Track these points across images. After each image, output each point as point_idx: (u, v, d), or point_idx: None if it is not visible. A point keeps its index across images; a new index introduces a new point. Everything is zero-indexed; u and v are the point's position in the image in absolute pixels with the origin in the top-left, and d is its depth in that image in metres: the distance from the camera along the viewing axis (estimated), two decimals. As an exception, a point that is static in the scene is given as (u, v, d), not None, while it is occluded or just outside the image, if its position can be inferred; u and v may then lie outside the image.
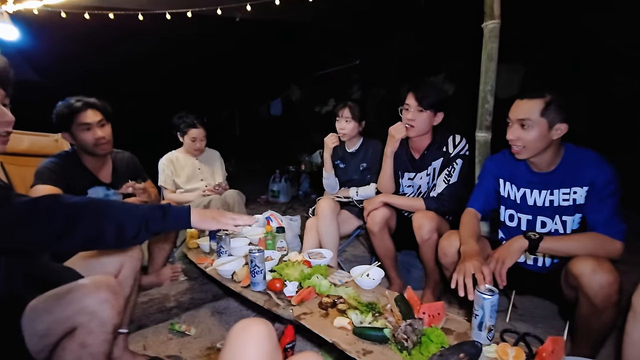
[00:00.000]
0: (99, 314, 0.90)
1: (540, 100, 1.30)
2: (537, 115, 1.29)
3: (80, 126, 1.67)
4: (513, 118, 1.36)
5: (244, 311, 1.92)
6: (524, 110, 1.32)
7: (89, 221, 0.88)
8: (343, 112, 2.18)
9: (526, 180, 1.45)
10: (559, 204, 1.39)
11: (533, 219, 1.47)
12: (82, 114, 1.67)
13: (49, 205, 0.86)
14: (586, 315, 1.23)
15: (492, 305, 1.05)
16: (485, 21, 1.69)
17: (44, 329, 0.88)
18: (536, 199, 1.44)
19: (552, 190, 1.40)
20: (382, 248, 1.89)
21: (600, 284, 1.14)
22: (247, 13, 2.65)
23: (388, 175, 1.91)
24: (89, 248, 0.96)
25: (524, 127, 1.32)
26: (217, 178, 2.63)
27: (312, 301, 1.36)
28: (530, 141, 1.32)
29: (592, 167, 1.31)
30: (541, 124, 1.30)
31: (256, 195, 5.09)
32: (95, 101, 1.73)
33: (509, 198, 1.52)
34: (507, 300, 1.82)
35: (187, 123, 2.47)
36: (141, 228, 0.94)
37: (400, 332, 1.05)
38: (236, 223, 1.13)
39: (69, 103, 1.69)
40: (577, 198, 1.35)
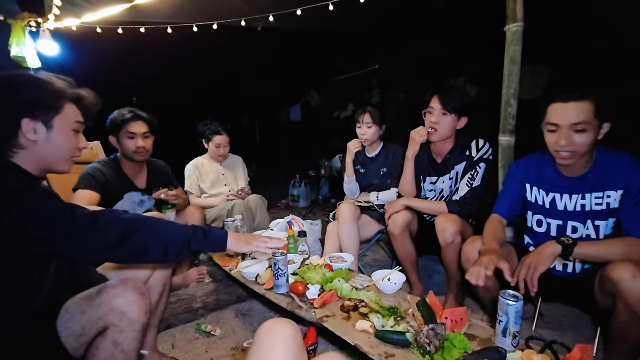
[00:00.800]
0: (129, 314, 0.96)
1: (590, 101, 1.24)
2: (591, 117, 1.23)
3: (127, 133, 1.89)
4: (564, 123, 1.26)
5: (266, 313, 1.97)
6: (577, 113, 1.24)
7: (138, 237, 0.98)
8: (363, 117, 2.20)
9: (555, 185, 1.41)
10: (591, 208, 1.34)
11: (563, 224, 1.42)
12: (132, 124, 1.90)
13: (108, 219, 0.96)
14: (624, 323, 1.17)
15: (516, 311, 1.04)
16: (507, 24, 1.67)
17: (79, 328, 0.95)
18: (566, 203, 1.39)
19: (583, 194, 1.35)
20: (403, 251, 1.89)
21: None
22: (268, 23, 2.72)
23: (409, 178, 1.92)
24: (135, 261, 1.05)
25: (578, 132, 1.24)
26: (239, 183, 2.71)
27: (334, 304, 1.39)
28: (582, 145, 1.25)
29: (627, 170, 1.27)
30: (594, 125, 1.24)
31: (276, 199, 5.17)
32: (145, 114, 1.96)
33: (536, 203, 1.48)
34: (533, 307, 1.78)
35: (212, 130, 2.57)
36: (184, 246, 1.04)
37: (423, 336, 1.06)
38: (268, 245, 1.22)
39: (122, 112, 1.91)
40: (611, 202, 1.30)
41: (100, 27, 2.70)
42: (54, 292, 1.02)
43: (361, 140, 2.22)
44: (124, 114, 1.90)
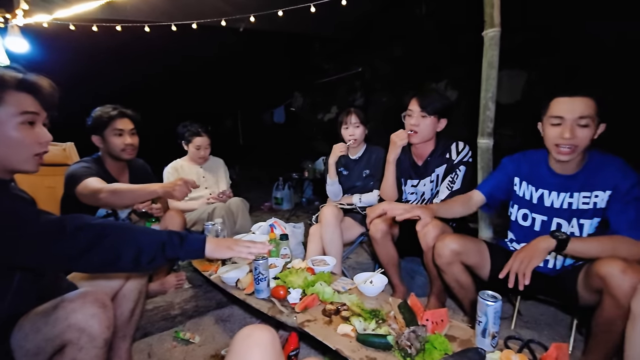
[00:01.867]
0: (88, 330, 0.89)
1: (590, 98, 1.28)
2: (594, 112, 1.27)
3: (114, 131, 1.84)
4: (569, 117, 1.29)
5: (248, 318, 1.93)
6: (582, 108, 1.27)
7: (108, 243, 0.91)
8: (350, 118, 2.20)
9: (546, 181, 1.44)
10: (578, 207, 1.38)
11: (548, 220, 1.45)
12: (118, 121, 1.84)
13: (76, 224, 0.89)
14: (610, 319, 1.18)
15: (495, 312, 1.05)
16: (485, 29, 1.71)
17: (34, 347, 0.88)
18: (554, 200, 1.43)
19: (572, 192, 1.39)
20: (385, 255, 1.89)
21: (631, 285, 1.10)
22: (250, 23, 2.69)
23: (390, 182, 1.92)
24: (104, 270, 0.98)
25: (581, 126, 1.27)
26: (221, 186, 2.66)
27: (315, 308, 1.37)
28: (584, 140, 1.28)
29: (616, 171, 1.30)
30: (595, 123, 1.28)
31: (260, 202, 5.12)
32: (130, 112, 1.91)
33: (524, 197, 1.51)
34: (512, 307, 1.81)
35: (192, 131, 2.51)
36: (158, 253, 0.97)
37: (404, 339, 1.05)
38: (250, 251, 1.15)
39: (107, 110, 1.85)
40: (598, 202, 1.34)
41: (73, 24, 2.61)
42: (18, 307, 0.94)
43: (349, 141, 2.21)
44: (108, 111, 1.84)
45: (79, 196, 1.63)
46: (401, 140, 1.81)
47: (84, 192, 1.61)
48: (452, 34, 4.44)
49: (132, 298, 1.38)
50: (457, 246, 1.45)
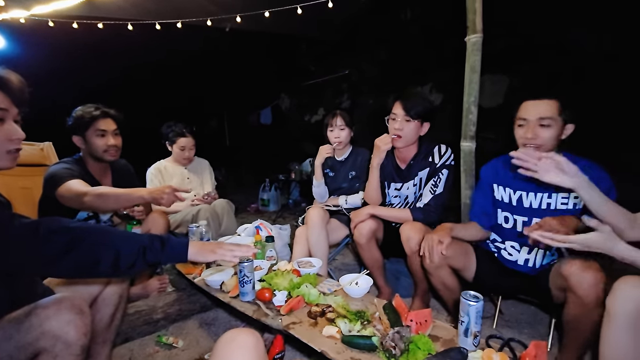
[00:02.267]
0: (64, 337, 0.86)
1: (555, 100, 1.37)
2: (556, 113, 1.36)
3: (97, 132, 1.78)
4: (532, 118, 1.39)
5: (233, 322, 1.90)
6: (545, 109, 1.37)
7: (86, 247, 0.88)
8: (335, 120, 2.20)
9: (523, 183, 1.49)
10: (557, 207, 1.43)
11: (529, 221, 1.50)
12: (101, 121, 1.79)
13: (52, 227, 0.86)
14: (575, 316, 1.24)
15: (477, 312, 1.07)
16: (467, 35, 1.75)
17: (6, 355, 0.84)
18: (532, 201, 1.48)
19: (550, 193, 1.44)
20: (369, 259, 1.90)
21: (589, 283, 1.17)
22: (237, 24, 2.67)
23: (374, 186, 1.92)
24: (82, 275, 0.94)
25: (543, 126, 1.36)
26: (206, 187, 2.62)
27: (301, 310, 1.36)
28: (547, 139, 1.37)
29: (593, 174, 1.33)
30: (558, 123, 1.36)
31: (246, 204, 5.07)
32: (113, 112, 1.85)
33: (503, 201, 1.56)
34: (494, 306, 1.85)
35: (176, 132, 2.47)
36: (138, 258, 0.94)
37: (388, 339, 1.06)
38: (234, 254, 1.13)
39: (89, 110, 1.78)
40: (577, 202, 1.39)
41: (52, 20, 2.53)
42: None
43: (335, 143, 2.22)
44: (91, 111, 1.78)
45: (60, 198, 1.58)
46: (385, 145, 1.81)
47: (66, 195, 1.56)
48: (437, 38, 4.52)
49: (112, 302, 1.34)
50: (447, 251, 1.47)
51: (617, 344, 1.00)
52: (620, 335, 0.99)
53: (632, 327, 0.98)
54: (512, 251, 1.57)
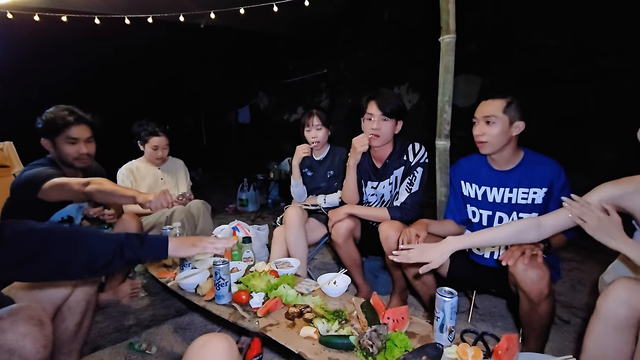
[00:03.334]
0: (19, 351, 0.81)
1: (503, 100, 1.46)
2: (500, 112, 1.45)
3: (67, 139, 1.65)
4: (479, 116, 1.51)
5: (209, 325, 1.86)
6: (489, 108, 1.47)
7: (58, 248, 0.84)
8: (312, 120, 2.19)
9: (488, 179, 1.58)
10: (517, 201, 1.52)
11: (492, 215, 1.58)
12: (74, 128, 1.65)
13: (16, 230, 0.81)
14: (526, 310, 1.33)
15: (452, 307, 1.08)
16: (442, 35, 1.77)
17: None
18: (495, 196, 1.56)
19: (511, 188, 1.52)
20: (347, 258, 1.91)
21: (532, 280, 1.24)
22: (211, 20, 2.61)
23: (352, 186, 1.91)
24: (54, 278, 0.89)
25: (488, 124, 1.46)
26: (181, 188, 2.54)
27: (278, 312, 1.34)
28: (494, 136, 1.46)
29: (551, 171, 1.45)
30: (503, 120, 1.45)
31: (224, 204, 4.98)
32: (89, 117, 1.72)
33: (469, 196, 1.65)
34: (468, 300, 1.90)
35: (149, 131, 2.38)
36: (115, 255, 0.91)
37: (366, 338, 1.06)
38: (216, 245, 1.12)
39: (62, 114, 1.64)
40: (536, 198, 1.48)
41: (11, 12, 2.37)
42: None
43: (312, 143, 2.20)
44: (64, 115, 1.64)
45: (45, 195, 1.47)
46: (362, 146, 1.80)
47: (56, 188, 1.45)
48: (413, 39, 4.60)
49: (78, 310, 1.27)
50: None
51: (603, 344, 1.01)
52: (607, 336, 1.00)
53: (619, 330, 0.99)
54: None
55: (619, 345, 1.00)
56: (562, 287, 2.18)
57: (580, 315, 1.86)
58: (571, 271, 2.42)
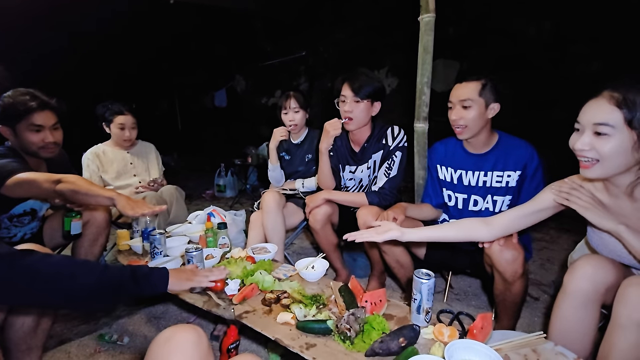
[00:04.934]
0: None
1: (478, 82, 1.45)
2: (476, 95, 1.44)
3: (31, 126, 1.51)
4: (455, 100, 1.49)
5: (184, 314, 1.81)
6: (465, 92, 1.46)
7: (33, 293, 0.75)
8: (289, 103, 2.12)
9: (463, 162, 1.59)
10: (491, 184, 1.53)
11: (467, 198, 1.60)
12: (37, 114, 1.51)
13: None
14: (501, 290, 1.36)
15: (428, 289, 1.09)
16: (421, 14, 1.72)
17: None
18: (470, 179, 1.57)
19: (485, 171, 1.53)
20: (325, 243, 1.88)
21: (507, 260, 1.27)
22: (181, -6, 2.44)
23: (326, 172, 1.85)
24: None
25: (465, 108, 1.45)
26: (152, 173, 2.43)
27: (255, 298, 1.31)
28: (471, 119, 1.45)
29: (524, 154, 1.46)
30: (479, 103, 1.44)
31: (201, 190, 4.85)
32: (54, 102, 1.57)
33: (445, 180, 1.65)
34: (444, 281, 1.94)
35: (113, 110, 2.24)
36: (116, 298, 0.91)
37: (343, 322, 1.05)
38: (210, 279, 1.13)
39: (24, 99, 1.48)
40: (510, 181, 1.50)
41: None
42: None
43: (289, 126, 2.14)
44: (25, 100, 1.48)
45: (9, 190, 1.35)
46: (335, 130, 1.73)
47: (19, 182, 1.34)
48: (392, 21, 4.53)
49: None
50: None
51: (570, 318, 1.05)
52: (574, 311, 1.04)
53: (585, 305, 1.03)
54: None
55: (584, 318, 1.04)
56: (532, 266, 2.26)
57: (549, 293, 1.94)
58: (541, 250, 2.51)
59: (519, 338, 1.02)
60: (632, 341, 0.87)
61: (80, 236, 1.66)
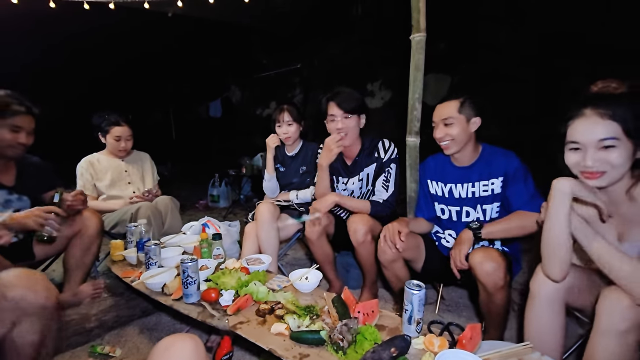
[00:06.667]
0: None
1: (456, 100, 1.53)
2: (456, 112, 1.52)
3: (10, 126, 1.55)
4: (437, 120, 1.57)
5: (177, 325, 1.80)
6: (445, 111, 1.54)
7: None
8: (283, 116, 2.16)
9: (452, 176, 1.65)
10: (480, 194, 1.59)
11: (460, 210, 1.65)
12: (20, 117, 1.56)
13: None
14: (485, 301, 1.42)
15: (419, 300, 1.11)
16: (412, 34, 1.79)
17: None
18: (460, 191, 1.63)
19: (473, 182, 1.59)
20: (320, 254, 1.91)
21: (487, 271, 1.32)
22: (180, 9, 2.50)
23: (325, 185, 1.90)
24: None
25: (447, 125, 1.52)
26: (147, 182, 2.44)
27: (249, 309, 1.32)
28: (455, 135, 1.52)
29: (502, 159, 1.54)
30: (460, 119, 1.52)
31: (195, 200, 4.84)
32: (31, 105, 1.62)
33: (437, 194, 1.70)
34: (436, 292, 1.96)
35: (110, 121, 2.26)
36: None
37: (336, 332, 1.07)
38: None
39: (7, 100, 1.53)
40: (495, 188, 1.55)
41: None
42: None
43: (284, 139, 2.19)
44: (9, 103, 1.54)
45: None
46: (338, 147, 1.81)
47: None
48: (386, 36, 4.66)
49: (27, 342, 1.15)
50: (404, 243, 1.53)
51: (539, 321, 1.12)
52: (541, 313, 1.11)
53: (550, 306, 1.10)
54: (449, 239, 1.70)
55: (552, 318, 1.11)
56: (522, 277, 2.30)
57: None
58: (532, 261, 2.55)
59: (507, 348, 1.05)
60: (612, 348, 0.91)
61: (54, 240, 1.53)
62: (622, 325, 0.91)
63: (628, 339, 0.91)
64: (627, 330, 0.91)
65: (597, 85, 1.46)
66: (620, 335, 0.91)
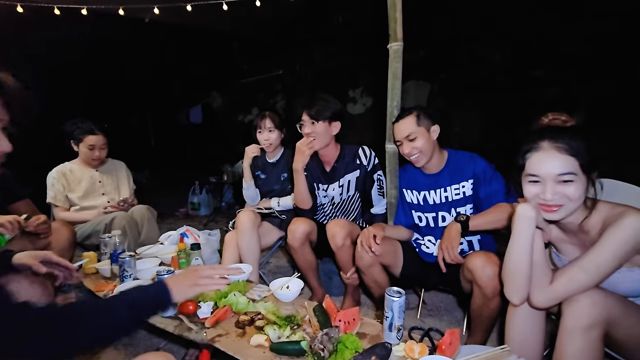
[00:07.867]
0: None
1: (411, 115, 1.58)
2: (415, 126, 1.57)
3: None
4: (400, 138, 1.61)
5: (154, 339, 1.74)
6: (405, 127, 1.58)
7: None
8: (264, 122, 2.15)
9: (423, 184, 1.69)
10: (452, 198, 1.62)
11: (436, 216, 1.68)
12: None
13: None
14: (479, 305, 1.41)
15: (400, 307, 1.12)
16: (390, 43, 1.83)
17: None
18: (434, 198, 1.66)
19: (445, 187, 1.63)
20: (303, 262, 1.89)
21: (489, 276, 1.33)
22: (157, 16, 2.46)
23: (303, 190, 1.90)
24: None
25: (412, 140, 1.57)
26: (122, 192, 2.36)
27: (228, 321, 1.29)
28: (421, 147, 1.56)
29: (469, 162, 1.59)
30: (421, 131, 1.57)
31: (174, 208, 4.73)
32: None
33: (412, 202, 1.73)
34: (417, 297, 1.98)
35: (83, 129, 2.18)
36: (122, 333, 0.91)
37: (317, 342, 1.06)
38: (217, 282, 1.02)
39: None
40: (466, 191, 1.60)
41: None
42: None
43: (265, 146, 2.17)
44: None
45: None
46: (309, 148, 1.82)
47: None
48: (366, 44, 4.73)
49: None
50: (380, 248, 1.53)
51: (520, 325, 1.13)
52: (523, 320, 1.12)
53: (531, 314, 1.12)
54: (429, 245, 1.72)
55: (532, 324, 1.13)
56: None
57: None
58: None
59: (485, 352, 1.07)
60: (579, 345, 0.95)
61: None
62: (585, 322, 0.95)
63: (591, 335, 0.94)
64: (590, 325, 0.94)
65: (547, 117, 1.54)
66: (585, 331, 0.95)
